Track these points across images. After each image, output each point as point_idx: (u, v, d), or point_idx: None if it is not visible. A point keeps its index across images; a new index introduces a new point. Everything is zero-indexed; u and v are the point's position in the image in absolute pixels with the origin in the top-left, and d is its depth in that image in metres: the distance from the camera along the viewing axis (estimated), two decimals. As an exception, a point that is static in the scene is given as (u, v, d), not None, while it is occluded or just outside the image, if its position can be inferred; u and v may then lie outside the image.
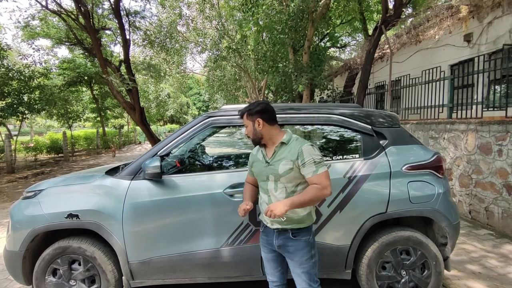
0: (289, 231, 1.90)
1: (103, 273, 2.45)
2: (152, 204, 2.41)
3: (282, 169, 1.86)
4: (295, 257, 1.90)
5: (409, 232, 2.49)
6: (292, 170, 1.85)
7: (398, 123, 2.72)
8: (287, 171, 1.86)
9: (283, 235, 1.91)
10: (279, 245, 1.93)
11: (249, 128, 1.97)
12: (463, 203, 4.82)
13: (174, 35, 15.55)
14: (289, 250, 1.90)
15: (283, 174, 1.86)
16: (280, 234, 1.92)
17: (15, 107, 10.77)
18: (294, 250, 1.89)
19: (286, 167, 1.86)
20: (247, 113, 1.97)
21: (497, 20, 6.29)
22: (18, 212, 2.51)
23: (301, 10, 9.46)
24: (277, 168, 1.87)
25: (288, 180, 1.87)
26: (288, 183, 1.88)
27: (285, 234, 1.90)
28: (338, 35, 16.65)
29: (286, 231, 1.90)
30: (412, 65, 8.64)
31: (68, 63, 16.19)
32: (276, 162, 1.90)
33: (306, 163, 1.83)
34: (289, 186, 1.88)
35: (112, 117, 23.54)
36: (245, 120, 1.99)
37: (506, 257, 3.49)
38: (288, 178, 1.87)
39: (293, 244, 1.89)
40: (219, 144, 4.22)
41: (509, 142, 4.00)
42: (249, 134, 1.99)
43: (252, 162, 2.08)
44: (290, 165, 1.85)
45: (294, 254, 1.90)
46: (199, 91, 42.97)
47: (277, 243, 1.93)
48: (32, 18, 12.85)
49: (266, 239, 2.01)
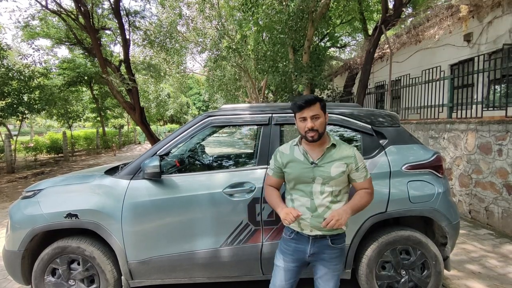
0: (328, 237, 1.80)
1: (102, 273, 2.45)
2: (151, 203, 2.41)
3: (334, 172, 1.77)
4: (330, 264, 1.81)
5: (408, 232, 2.49)
6: (344, 173, 1.79)
7: (398, 123, 2.72)
8: (340, 173, 1.78)
9: (319, 242, 1.80)
10: (313, 253, 1.81)
11: (322, 119, 1.77)
12: (463, 203, 4.81)
13: (174, 35, 15.55)
14: (324, 258, 1.81)
15: (336, 176, 1.77)
16: (316, 242, 1.80)
17: (15, 107, 10.75)
18: (330, 257, 1.81)
19: (339, 170, 1.77)
20: (321, 104, 1.78)
21: (497, 19, 6.29)
22: (17, 211, 2.51)
23: (301, 10, 9.45)
24: (328, 170, 1.77)
25: (337, 183, 1.79)
26: (336, 187, 1.79)
27: (323, 241, 1.80)
28: (338, 35, 16.65)
29: (325, 238, 1.80)
30: (412, 64, 8.63)
31: (68, 63, 16.18)
32: (326, 164, 1.78)
33: (359, 168, 1.81)
34: (336, 190, 1.79)
35: (112, 117, 23.53)
36: (318, 110, 1.75)
37: (506, 257, 3.48)
38: (338, 181, 1.79)
39: (330, 251, 1.81)
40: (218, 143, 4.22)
41: (509, 142, 3.99)
42: (319, 127, 1.75)
43: (286, 163, 1.87)
44: (343, 168, 1.78)
45: (329, 261, 1.81)
46: (199, 91, 42.97)
47: (312, 251, 1.81)
48: (32, 18, 12.86)
49: (294, 246, 1.85)
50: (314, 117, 1.75)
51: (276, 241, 2.42)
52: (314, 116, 1.75)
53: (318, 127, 1.75)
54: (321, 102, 1.79)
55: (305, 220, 1.79)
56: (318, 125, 1.75)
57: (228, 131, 26.40)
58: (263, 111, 2.65)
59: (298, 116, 1.80)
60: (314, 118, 1.75)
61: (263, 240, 2.43)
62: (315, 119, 1.75)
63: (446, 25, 7.15)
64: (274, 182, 1.97)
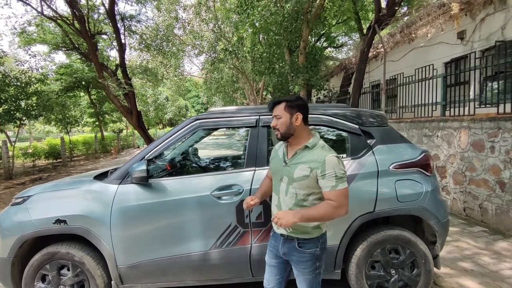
0: (295, 240, 1.80)
1: (92, 278, 2.45)
2: (139, 208, 2.41)
3: (297, 174, 1.75)
4: (299, 267, 1.83)
5: (397, 231, 2.49)
6: (308, 177, 1.73)
7: (386, 122, 2.73)
8: (302, 177, 1.74)
9: (288, 243, 1.83)
10: (284, 253, 1.86)
11: (283, 120, 1.79)
12: (458, 200, 4.81)
13: (170, 38, 15.58)
14: (293, 259, 1.84)
15: (297, 179, 1.75)
16: (286, 242, 1.84)
17: (12, 113, 10.78)
18: (298, 260, 1.81)
19: (302, 173, 1.74)
20: (286, 104, 1.80)
21: (489, 17, 6.30)
22: (6, 218, 2.52)
23: (296, 11, 9.48)
24: (292, 171, 1.77)
25: (300, 186, 1.75)
26: (300, 190, 1.76)
27: (291, 243, 1.82)
28: (334, 35, 16.68)
29: (293, 240, 1.81)
30: (407, 63, 8.64)
31: (65, 68, 16.22)
32: (293, 165, 1.79)
33: (326, 176, 1.68)
34: (300, 194, 1.77)
35: (110, 121, 23.56)
36: (280, 110, 1.80)
37: (499, 253, 3.48)
38: (301, 185, 1.75)
39: (298, 254, 1.81)
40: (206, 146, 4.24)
41: (501, 139, 4.00)
42: (280, 126, 1.80)
43: (271, 157, 1.99)
44: (307, 172, 1.72)
45: (298, 264, 1.83)
46: (197, 93, 43.00)
47: (283, 250, 1.86)
48: (28, 24, 12.89)
49: (273, 244, 1.93)
50: (276, 117, 1.84)
51: (265, 243, 2.42)
52: (276, 116, 1.84)
53: (279, 127, 1.82)
54: (288, 102, 1.82)
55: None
56: (279, 124, 1.82)
57: (227, 134, 26.43)
58: (251, 113, 2.66)
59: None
60: (276, 118, 1.83)
61: (252, 242, 2.44)
62: (277, 119, 1.83)
63: (438, 23, 7.17)
64: (269, 174, 2.09)
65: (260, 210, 2.41)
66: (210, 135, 3.72)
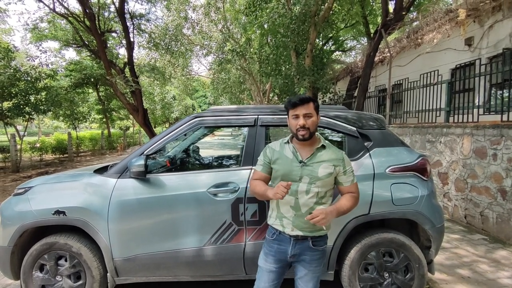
0: (309, 239, 1.80)
1: (89, 269, 2.50)
2: (137, 202, 2.45)
3: (322, 172, 1.78)
4: (310, 266, 1.81)
5: (392, 234, 2.49)
6: (331, 175, 1.80)
7: (384, 126, 2.73)
8: (327, 175, 1.78)
9: (301, 244, 1.80)
10: (294, 254, 1.81)
11: (314, 119, 1.79)
12: (459, 207, 4.77)
13: (179, 38, 15.73)
14: (305, 259, 1.82)
15: (323, 177, 1.78)
16: (298, 243, 1.80)
17: (21, 107, 10.98)
18: (311, 259, 1.81)
19: (327, 171, 1.78)
20: (315, 104, 1.81)
21: (498, 24, 6.25)
22: (8, 208, 2.58)
23: (304, 13, 9.50)
24: (316, 170, 1.78)
25: (324, 184, 1.79)
26: (322, 188, 1.79)
27: (304, 243, 1.80)
28: (342, 38, 16.66)
29: (306, 239, 1.80)
30: (414, 68, 8.59)
31: (75, 64, 16.46)
32: (315, 164, 1.79)
33: (347, 172, 1.84)
34: (322, 191, 1.80)
35: (117, 118, 23.81)
36: (311, 109, 1.78)
37: (498, 262, 3.45)
38: (325, 182, 1.79)
39: (311, 253, 1.81)
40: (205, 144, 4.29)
41: (503, 146, 3.96)
42: (311, 125, 1.77)
43: (275, 159, 1.87)
44: (331, 170, 1.79)
45: (310, 263, 1.81)
46: (204, 93, 43.21)
47: (293, 252, 1.81)
48: (40, 21, 13.15)
49: (277, 247, 1.85)
50: (306, 115, 1.77)
51: (259, 241, 2.44)
52: (307, 114, 1.77)
53: (310, 126, 1.77)
54: (315, 102, 1.82)
55: (288, 218, 1.81)
56: (310, 123, 1.77)
57: (234, 134, 26.50)
58: (250, 112, 2.69)
59: (291, 114, 1.82)
60: (307, 117, 1.77)
61: (246, 240, 2.46)
62: (308, 118, 1.77)
63: (445, 29, 7.12)
64: (261, 177, 1.91)
65: (255, 208, 2.43)
66: (215, 135, 3.77)
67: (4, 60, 10.53)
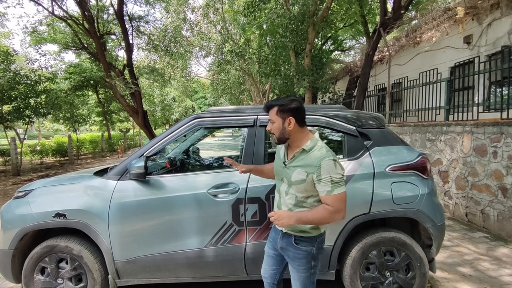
0: (292, 236, 1.82)
1: (90, 272, 2.50)
2: (137, 204, 2.45)
3: (294, 177, 1.75)
4: (293, 263, 1.84)
5: (393, 233, 2.49)
6: (305, 181, 1.71)
7: (383, 124, 2.73)
8: (299, 181, 1.73)
9: (286, 239, 1.85)
10: (281, 247, 1.88)
11: (276, 125, 1.78)
12: (460, 205, 4.77)
13: (178, 39, 15.74)
14: (289, 255, 1.85)
15: (295, 183, 1.75)
16: (284, 237, 1.86)
17: (21, 111, 10.98)
18: (294, 256, 1.82)
19: (299, 177, 1.73)
20: (278, 108, 1.76)
21: (496, 21, 6.25)
22: (8, 211, 2.58)
23: (302, 13, 9.50)
24: (290, 174, 1.77)
25: (298, 189, 1.76)
26: (298, 193, 1.77)
27: (289, 238, 1.83)
28: (342, 38, 16.66)
29: (290, 236, 1.83)
30: (413, 67, 8.60)
31: (75, 67, 16.47)
32: (291, 168, 1.78)
33: (322, 180, 1.66)
34: (299, 196, 1.77)
35: (117, 120, 23.82)
36: (273, 115, 1.79)
37: (499, 260, 3.45)
38: (298, 188, 1.75)
39: (294, 250, 1.82)
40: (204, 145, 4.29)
41: (503, 144, 3.96)
42: (274, 131, 1.80)
43: (276, 156, 2.00)
44: (303, 176, 1.72)
45: (293, 260, 1.83)
46: (204, 94, 43.25)
47: (280, 244, 1.88)
48: (39, 24, 13.16)
49: (273, 235, 1.98)
50: (270, 121, 1.83)
51: (260, 241, 2.44)
52: (270, 120, 1.83)
53: (274, 131, 1.81)
54: (280, 106, 1.76)
55: None
56: (273, 129, 1.81)
57: (235, 135, 26.49)
58: (249, 113, 2.69)
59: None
60: (270, 122, 1.83)
61: (246, 240, 2.46)
62: (271, 123, 1.82)
63: (444, 27, 7.12)
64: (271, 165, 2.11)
65: (255, 209, 2.44)
66: (215, 136, 3.77)
67: (3, 63, 10.54)
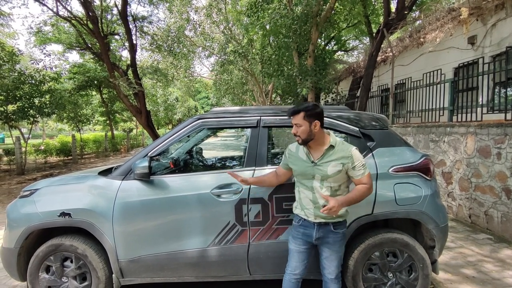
0: (330, 224, 2.07)
1: (94, 271, 2.52)
2: (141, 203, 2.47)
3: (331, 171, 2.01)
4: (334, 247, 2.09)
5: (395, 234, 2.48)
6: (341, 172, 2.02)
7: (387, 126, 2.73)
8: (336, 172, 2.02)
9: (323, 228, 2.07)
10: (318, 237, 2.08)
11: (303, 128, 2.01)
12: (463, 207, 4.75)
13: (181, 40, 15.78)
14: (329, 241, 2.09)
15: (332, 175, 2.01)
16: (321, 227, 2.07)
17: (26, 110, 11.07)
18: (333, 241, 2.09)
19: (335, 169, 2.01)
20: (306, 113, 2.00)
21: (501, 22, 6.22)
22: (14, 210, 2.60)
23: (305, 14, 9.50)
24: (325, 169, 2.01)
25: (335, 180, 2.03)
26: (334, 183, 2.04)
27: (326, 227, 2.07)
28: (345, 38, 16.63)
29: (327, 225, 2.07)
30: (417, 67, 8.56)
31: (79, 67, 16.57)
32: (324, 164, 2.03)
33: (356, 166, 2.02)
34: (335, 186, 2.05)
35: (121, 120, 23.92)
36: (299, 119, 2.01)
37: (503, 261, 3.43)
38: (335, 179, 2.03)
39: (333, 236, 2.08)
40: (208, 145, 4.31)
41: (507, 145, 3.94)
42: (301, 134, 2.02)
43: (291, 160, 2.18)
44: (340, 167, 2.01)
45: (333, 244, 2.09)
46: (207, 94, 43.32)
47: (317, 235, 2.07)
48: (44, 24, 13.25)
49: (303, 232, 2.12)
50: (296, 125, 2.04)
51: (263, 241, 2.46)
52: (296, 124, 2.03)
53: (300, 134, 2.03)
54: (307, 111, 2.00)
55: (309, 209, 2.09)
56: (300, 132, 2.02)
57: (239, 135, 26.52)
58: (252, 114, 2.70)
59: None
60: (297, 126, 2.03)
61: (249, 240, 2.47)
62: (297, 127, 2.03)
63: (448, 28, 7.10)
64: (281, 172, 2.29)
65: (258, 209, 2.45)
66: (219, 136, 3.80)
67: (8, 63, 10.63)
